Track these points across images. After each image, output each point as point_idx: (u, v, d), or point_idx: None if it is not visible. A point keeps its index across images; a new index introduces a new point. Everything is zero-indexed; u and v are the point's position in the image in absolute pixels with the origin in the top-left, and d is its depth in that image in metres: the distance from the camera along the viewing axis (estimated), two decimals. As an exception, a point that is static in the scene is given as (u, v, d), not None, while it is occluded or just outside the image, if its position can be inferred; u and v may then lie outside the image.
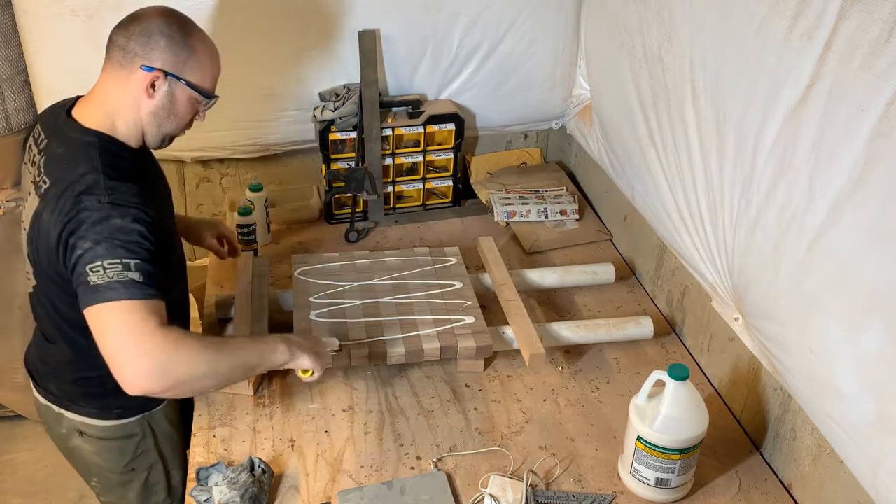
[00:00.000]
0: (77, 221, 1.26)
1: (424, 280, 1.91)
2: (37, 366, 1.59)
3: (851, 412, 1.21)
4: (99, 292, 1.22)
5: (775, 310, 1.39)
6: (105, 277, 1.22)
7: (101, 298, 1.21)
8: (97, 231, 1.25)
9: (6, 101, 2.20)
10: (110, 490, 1.66)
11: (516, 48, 2.27)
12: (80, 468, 1.66)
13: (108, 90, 1.38)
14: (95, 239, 1.24)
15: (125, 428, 1.57)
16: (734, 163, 1.45)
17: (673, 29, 1.63)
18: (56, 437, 1.62)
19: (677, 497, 1.47)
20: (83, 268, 1.23)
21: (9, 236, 2.26)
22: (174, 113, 1.41)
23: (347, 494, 1.45)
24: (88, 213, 1.26)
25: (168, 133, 1.44)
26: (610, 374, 1.78)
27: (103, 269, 1.22)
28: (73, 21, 1.96)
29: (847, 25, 1.11)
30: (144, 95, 1.36)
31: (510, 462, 1.55)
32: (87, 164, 1.32)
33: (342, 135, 2.22)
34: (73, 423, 1.55)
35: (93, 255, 1.23)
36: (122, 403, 1.52)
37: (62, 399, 1.55)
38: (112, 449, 1.58)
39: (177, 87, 1.38)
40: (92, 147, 1.34)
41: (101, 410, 1.54)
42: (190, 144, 2.22)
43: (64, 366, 1.52)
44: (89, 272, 1.22)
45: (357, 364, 1.71)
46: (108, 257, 1.23)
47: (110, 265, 1.22)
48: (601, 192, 2.36)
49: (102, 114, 1.38)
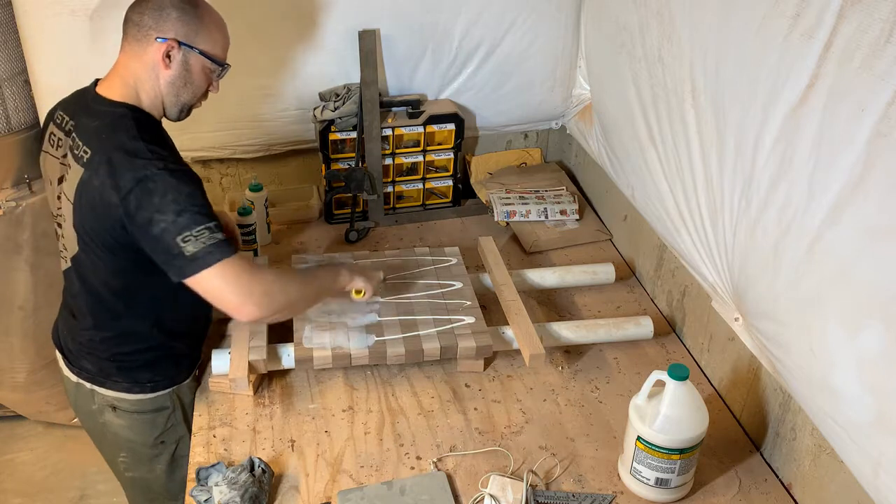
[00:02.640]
0: (143, 190, 1.33)
1: (424, 280, 1.91)
2: (68, 345, 1.62)
3: (851, 412, 1.21)
4: (199, 259, 1.34)
5: (775, 310, 1.39)
6: (199, 244, 1.33)
7: (204, 264, 1.34)
8: (172, 201, 1.33)
9: (6, 101, 2.20)
10: (139, 464, 1.69)
11: (516, 48, 2.27)
12: (109, 444, 1.69)
13: (128, 66, 1.46)
14: (176, 210, 1.33)
15: (157, 401, 1.62)
16: (734, 163, 1.45)
17: (673, 29, 1.63)
18: (85, 414, 1.66)
19: (677, 497, 1.47)
20: (172, 240, 1.33)
21: (9, 236, 2.26)
22: (190, 82, 1.48)
23: (347, 494, 1.45)
24: (154, 184, 1.34)
25: (186, 102, 1.51)
26: (610, 374, 1.79)
27: (194, 237, 1.33)
28: (73, 21, 1.96)
29: (847, 25, 1.11)
30: (161, 66, 1.44)
31: (510, 462, 1.55)
32: (126, 132, 1.39)
33: (342, 135, 2.22)
34: (106, 398, 1.59)
35: (180, 227, 1.33)
36: (154, 377, 1.60)
37: (97, 376, 1.59)
38: (144, 422, 1.63)
39: (190, 55, 1.46)
40: (126, 118, 1.42)
41: (134, 384, 1.59)
42: (190, 144, 2.22)
43: (98, 343, 1.56)
44: (181, 243, 1.33)
45: (357, 364, 1.71)
46: (194, 225, 1.34)
47: (199, 233, 1.34)
48: (601, 192, 2.36)
49: (127, 88, 1.46)
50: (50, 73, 2.06)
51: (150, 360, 1.58)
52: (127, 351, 1.56)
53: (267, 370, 1.70)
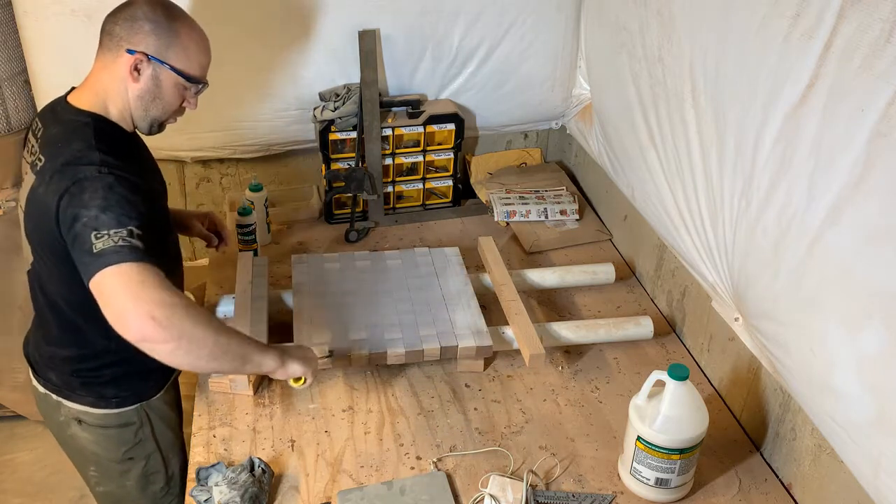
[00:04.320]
0: (78, 188, 1.27)
1: (424, 280, 1.91)
2: (34, 356, 1.61)
3: (851, 412, 1.21)
4: (105, 256, 1.22)
5: (775, 310, 1.39)
6: (110, 243, 1.23)
7: (107, 262, 1.22)
8: (101, 198, 1.26)
9: (6, 101, 2.20)
10: (108, 479, 1.67)
11: (516, 48, 2.27)
12: (78, 457, 1.67)
13: (99, 75, 1.42)
14: (101, 206, 1.26)
15: (123, 416, 1.59)
16: (734, 163, 1.45)
17: (673, 29, 1.63)
18: (54, 425, 1.63)
19: (677, 497, 1.47)
20: (88, 235, 1.24)
21: (9, 236, 2.25)
22: (159, 97, 1.43)
23: (347, 494, 1.45)
24: (90, 183, 1.28)
25: (156, 118, 1.46)
26: (610, 374, 1.79)
27: (108, 236, 1.24)
28: (73, 21, 1.96)
29: (847, 25, 1.11)
30: (130, 79, 1.40)
31: (510, 462, 1.55)
32: (82, 140, 1.34)
33: (342, 135, 2.22)
34: (71, 411, 1.57)
35: (99, 223, 1.25)
36: (119, 392, 1.56)
37: (62, 388, 1.57)
38: (110, 437, 1.60)
39: (161, 71, 1.40)
40: (87, 126, 1.38)
41: (99, 399, 1.56)
42: (190, 144, 2.22)
43: (60, 358, 1.54)
44: (93, 239, 1.23)
45: (357, 364, 1.71)
46: (115, 226, 1.24)
47: (115, 232, 1.24)
48: (601, 192, 2.36)
49: (95, 97, 1.42)
50: (50, 73, 2.06)
51: (115, 375, 1.51)
52: (90, 367, 1.52)
53: (267, 370, 1.70)
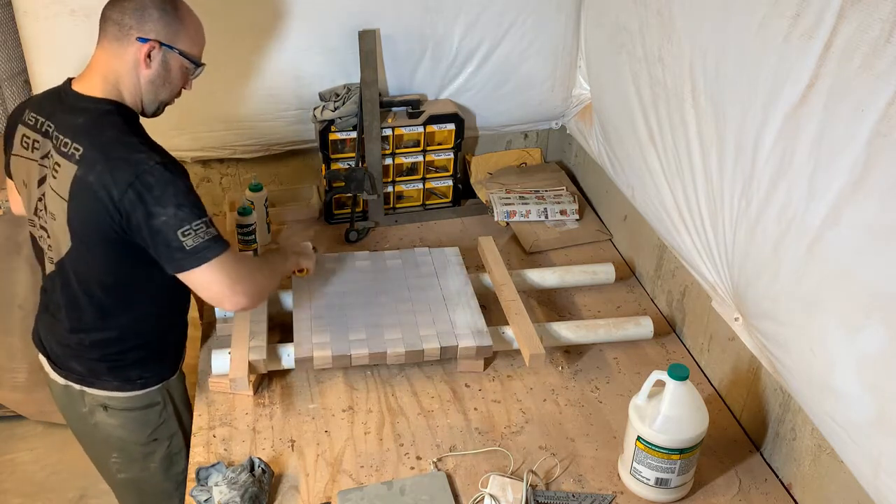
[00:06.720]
0: (143, 185, 1.35)
1: (424, 280, 1.91)
2: (54, 348, 1.61)
3: (851, 412, 1.21)
4: (199, 253, 1.39)
5: (775, 310, 1.39)
6: (199, 238, 1.38)
7: (203, 259, 1.39)
8: (172, 195, 1.37)
9: (6, 101, 2.20)
10: (132, 464, 1.69)
11: (516, 48, 2.27)
12: (101, 446, 1.69)
13: (108, 63, 1.46)
14: (175, 203, 1.37)
15: (148, 397, 1.62)
16: (734, 162, 1.45)
17: (673, 29, 1.63)
18: (75, 417, 1.66)
19: (677, 497, 1.47)
20: (173, 233, 1.36)
21: (9, 236, 2.26)
22: (169, 81, 1.51)
23: (347, 494, 1.45)
24: (153, 178, 1.36)
25: (163, 100, 1.54)
26: (610, 374, 1.78)
27: (193, 231, 1.38)
28: (73, 21, 1.96)
29: (847, 25, 1.11)
30: (142, 65, 1.46)
31: (510, 462, 1.55)
32: (115, 128, 1.42)
33: (342, 135, 2.22)
34: (96, 398, 1.59)
35: (180, 220, 1.37)
36: (143, 373, 1.61)
37: (85, 377, 1.58)
38: (136, 419, 1.63)
39: (170, 56, 1.48)
40: (111, 114, 1.44)
41: (125, 382, 1.59)
42: (190, 144, 2.22)
43: (87, 345, 1.56)
44: (181, 237, 1.37)
45: (357, 364, 1.71)
46: (193, 219, 1.38)
47: (197, 226, 1.38)
48: (601, 192, 2.36)
49: (108, 85, 1.46)
50: (50, 73, 2.06)
51: (141, 357, 1.59)
52: (118, 350, 1.56)
53: (267, 370, 1.70)
